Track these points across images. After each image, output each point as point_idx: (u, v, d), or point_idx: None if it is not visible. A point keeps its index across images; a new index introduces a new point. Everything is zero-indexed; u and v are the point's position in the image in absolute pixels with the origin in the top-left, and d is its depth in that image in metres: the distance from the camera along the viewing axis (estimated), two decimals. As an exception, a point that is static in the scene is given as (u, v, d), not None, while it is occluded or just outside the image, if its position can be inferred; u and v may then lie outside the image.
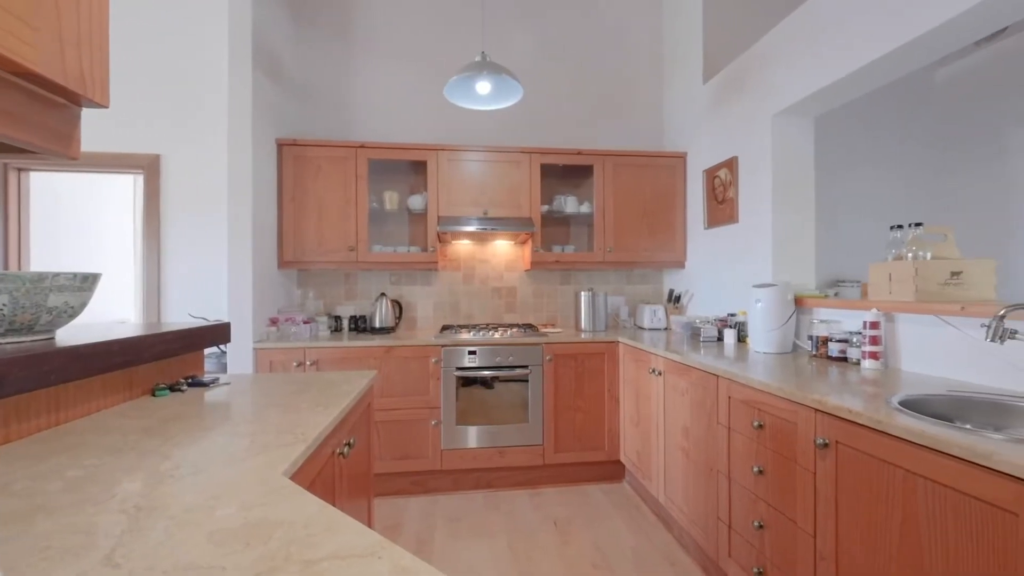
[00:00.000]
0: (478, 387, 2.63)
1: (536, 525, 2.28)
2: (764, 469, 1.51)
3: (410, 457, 2.58)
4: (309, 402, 1.22)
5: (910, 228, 1.72)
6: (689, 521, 1.97)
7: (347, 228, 2.80)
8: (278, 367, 2.48)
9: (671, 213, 3.09)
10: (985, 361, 1.41)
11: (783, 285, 2.05)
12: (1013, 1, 1.37)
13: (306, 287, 3.09)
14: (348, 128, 3.14)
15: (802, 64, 2.08)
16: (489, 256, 3.27)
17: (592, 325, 2.99)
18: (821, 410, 1.27)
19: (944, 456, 0.95)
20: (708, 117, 2.84)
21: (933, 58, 1.71)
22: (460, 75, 2.03)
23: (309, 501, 0.67)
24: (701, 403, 1.88)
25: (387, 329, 2.90)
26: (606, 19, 3.39)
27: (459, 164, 2.89)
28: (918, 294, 1.62)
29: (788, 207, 2.29)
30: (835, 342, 1.82)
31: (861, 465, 1.15)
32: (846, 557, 1.20)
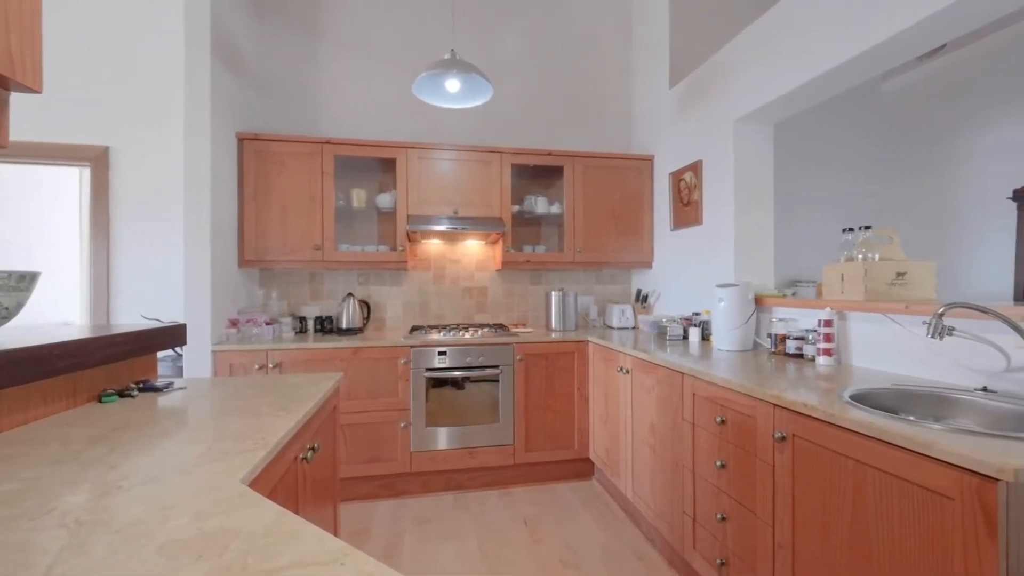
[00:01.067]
0: (448, 388, 2.61)
1: (506, 525, 2.28)
2: (726, 463, 1.56)
3: (378, 460, 2.53)
4: (270, 406, 1.18)
5: (860, 231, 1.82)
6: (656, 516, 2.02)
7: (312, 226, 2.72)
8: (238, 370, 2.39)
9: (639, 214, 3.16)
10: (927, 356, 1.50)
11: (744, 285, 2.13)
12: (948, 21, 1.47)
13: (269, 287, 2.99)
14: (314, 123, 3.06)
15: (761, 72, 2.16)
16: (460, 256, 3.25)
17: (562, 325, 3.02)
18: (779, 405, 1.32)
19: (890, 446, 1.01)
20: (674, 121, 2.92)
21: (880, 70, 1.81)
22: (429, 72, 2.01)
23: (269, 509, 0.64)
24: (667, 400, 1.92)
25: (355, 330, 2.83)
26: (576, 23, 3.42)
27: (429, 162, 2.86)
28: (867, 294, 1.71)
29: (749, 210, 2.38)
30: (792, 340, 1.90)
31: (816, 457, 1.21)
32: (802, 545, 1.26)
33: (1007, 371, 1.29)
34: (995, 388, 1.30)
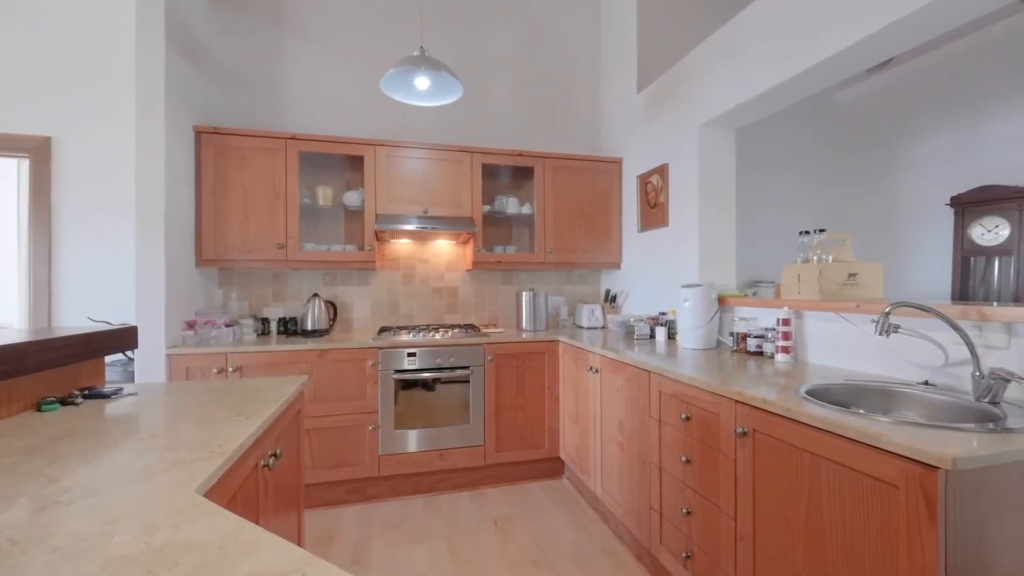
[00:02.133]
0: (418, 390, 2.57)
1: (477, 526, 2.27)
2: (691, 459, 1.60)
3: (345, 465, 2.47)
4: (229, 411, 1.13)
5: (815, 233, 1.91)
6: (624, 512, 2.05)
7: (276, 224, 2.63)
8: (196, 375, 2.28)
9: (608, 216, 3.21)
10: (875, 352, 1.59)
11: (708, 285, 2.19)
12: (894, 37, 1.56)
13: (229, 287, 2.87)
14: (277, 118, 2.96)
15: (724, 80, 2.24)
16: (430, 256, 3.21)
17: (533, 325, 3.03)
18: (740, 401, 1.37)
19: (842, 439, 1.06)
20: (642, 125, 2.98)
21: (834, 81, 1.90)
22: (397, 69, 1.97)
23: (226, 519, 0.62)
24: (635, 398, 1.96)
25: (320, 331, 2.76)
26: (546, 25, 3.45)
27: (398, 161, 2.82)
28: (822, 293, 1.79)
29: (713, 212, 2.45)
30: (753, 338, 1.97)
31: (775, 450, 1.26)
32: (762, 537, 1.31)
33: (945, 366, 1.38)
34: (935, 382, 1.39)
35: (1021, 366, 1.22)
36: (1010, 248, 2.78)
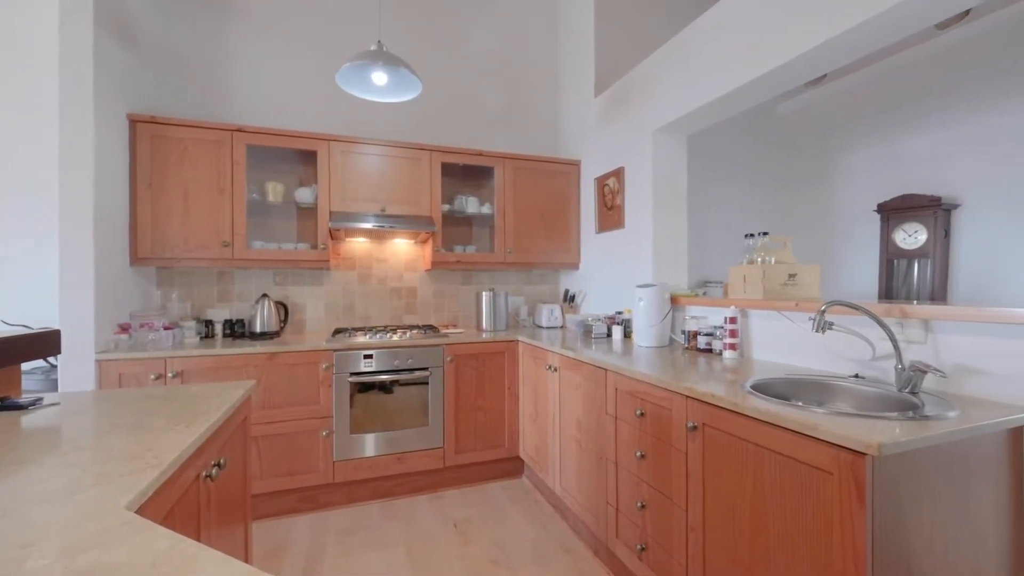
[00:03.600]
0: (375, 392, 2.51)
1: (436, 529, 2.24)
2: (645, 453, 1.65)
3: (297, 473, 2.37)
4: (167, 420, 1.06)
5: (759, 236, 2.01)
6: (582, 508, 2.09)
7: (221, 221, 2.49)
8: (130, 381, 2.12)
9: (567, 217, 3.25)
10: (813, 348, 1.70)
11: (661, 285, 2.27)
12: (827, 55, 1.67)
13: (168, 287, 2.69)
14: (223, 109, 2.80)
15: (676, 88, 2.32)
16: (387, 255, 3.14)
17: (493, 325, 3.03)
18: (691, 396, 1.42)
19: (783, 430, 1.12)
20: (599, 128, 3.04)
21: (775, 93, 2.02)
22: (354, 63, 1.92)
23: (160, 536, 0.57)
24: (592, 396, 2.00)
25: (270, 334, 2.64)
26: (506, 26, 3.45)
27: (354, 157, 2.73)
28: (765, 293, 1.90)
29: (666, 215, 2.54)
30: (703, 336, 2.06)
31: (722, 443, 1.32)
32: (711, 526, 1.36)
33: (873, 360, 1.50)
34: (864, 375, 1.50)
35: (936, 359, 1.34)
36: (927, 251, 3.06)
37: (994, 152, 2.81)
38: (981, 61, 2.86)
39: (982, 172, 2.87)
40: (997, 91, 2.79)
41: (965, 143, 2.95)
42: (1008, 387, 1.19)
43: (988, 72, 2.83)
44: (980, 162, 2.88)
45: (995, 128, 2.80)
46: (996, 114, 2.80)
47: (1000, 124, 2.78)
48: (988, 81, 2.83)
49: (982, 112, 2.86)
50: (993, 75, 2.81)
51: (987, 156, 2.85)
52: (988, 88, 2.83)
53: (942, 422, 1.03)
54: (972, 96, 2.90)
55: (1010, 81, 2.73)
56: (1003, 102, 2.77)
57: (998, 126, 2.79)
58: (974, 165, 2.91)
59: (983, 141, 2.86)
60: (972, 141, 2.91)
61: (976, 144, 2.89)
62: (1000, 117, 2.78)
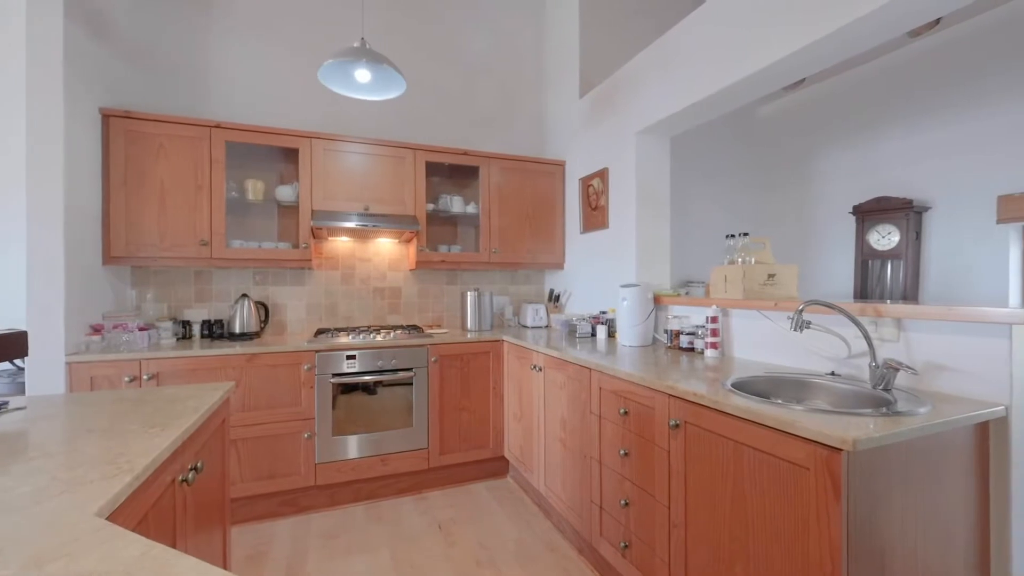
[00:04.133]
0: (358, 393, 2.48)
1: (421, 531, 2.22)
2: (629, 451, 1.67)
3: (278, 476, 2.33)
4: (141, 423, 1.03)
5: (740, 237, 2.05)
6: (566, 507, 2.09)
7: (199, 219, 2.43)
8: (103, 384, 2.06)
9: (552, 217, 3.26)
10: (791, 346, 1.73)
11: (645, 285, 2.29)
12: (806, 59, 1.71)
13: (143, 287, 2.61)
14: (202, 105, 2.73)
15: (658, 90, 2.35)
16: (371, 255, 3.11)
17: (478, 325, 3.02)
18: (673, 395, 1.44)
19: (762, 427, 1.14)
20: (584, 129, 3.06)
21: (755, 96, 2.06)
22: (336, 59, 1.89)
23: (132, 543, 0.56)
24: (576, 395, 2.01)
25: (250, 335, 2.58)
26: (492, 27, 3.45)
27: (337, 155, 2.70)
28: (745, 293, 1.93)
29: (649, 216, 2.57)
30: (685, 335, 2.09)
31: (704, 440, 1.34)
32: (693, 523, 1.38)
33: (849, 357, 1.54)
34: (840, 372, 1.54)
35: (908, 356, 1.38)
36: (900, 252, 3.15)
37: (961, 156, 2.91)
38: (950, 68, 2.96)
39: (950, 176, 2.97)
40: (965, 97, 2.89)
41: (935, 147, 3.04)
42: (975, 383, 1.24)
43: (956, 79, 2.93)
44: (948, 166, 2.98)
45: (963, 133, 2.91)
46: (964, 119, 2.90)
47: (967, 129, 2.88)
48: (956, 87, 2.93)
49: (951, 117, 2.96)
50: (961, 82, 2.91)
51: (955, 160, 2.95)
52: (956, 94, 2.93)
53: (913, 418, 1.07)
54: (942, 102, 3.00)
55: (977, 88, 2.84)
56: (971, 108, 2.87)
57: (965, 131, 2.89)
58: (943, 169, 3.01)
59: (951, 146, 2.96)
60: (941, 145, 3.01)
61: (945, 148, 2.99)
62: (968, 122, 2.88)
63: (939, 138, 3.03)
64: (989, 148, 2.79)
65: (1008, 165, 2.70)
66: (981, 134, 2.82)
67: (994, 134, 2.77)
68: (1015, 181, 2.66)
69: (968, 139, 2.88)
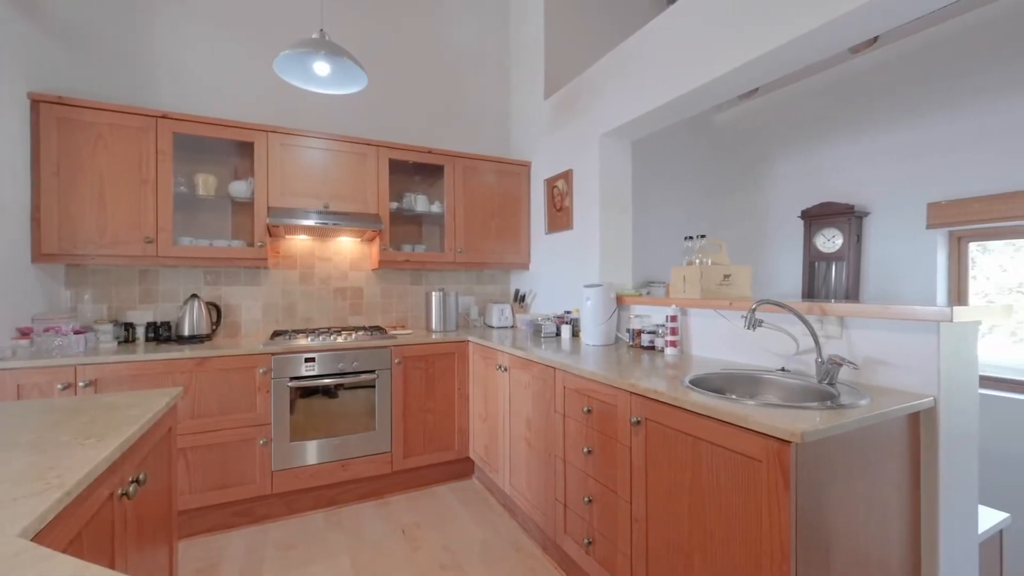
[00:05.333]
0: (318, 397, 2.40)
1: (383, 536, 2.18)
2: (592, 449, 1.69)
3: (231, 485, 2.22)
4: (75, 434, 0.95)
5: (697, 239, 2.12)
6: (531, 506, 2.10)
7: (143, 215, 2.28)
8: (32, 393, 1.90)
9: (517, 217, 3.27)
10: (745, 344, 1.81)
11: (607, 285, 2.34)
12: (757, 70, 1.79)
13: (80, 287, 2.43)
14: (146, 93, 2.57)
15: (620, 95, 2.40)
16: (331, 254, 3.01)
17: (443, 325, 2.99)
18: (635, 392, 1.47)
19: (718, 422, 1.19)
20: (548, 131, 3.09)
21: (711, 104, 2.14)
22: (294, 51, 1.82)
23: (61, 565, 0.51)
24: (541, 394, 2.02)
25: (201, 337, 2.45)
26: (457, 26, 3.42)
27: (295, 150, 2.60)
28: (703, 293, 2.00)
29: (612, 217, 2.62)
30: (646, 333, 2.14)
31: (664, 436, 1.37)
32: (654, 516, 1.42)
33: (797, 354, 1.62)
34: (790, 368, 1.62)
35: (850, 352, 1.47)
36: (843, 255, 3.35)
37: (896, 166, 3.13)
38: (887, 83, 3.18)
39: (886, 184, 3.19)
40: (899, 111, 3.11)
41: (873, 157, 3.26)
42: (908, 376, 1.33)
43: (892, 94, 3.15)
44: (885, 175, 3.20)
45: (898, 144, 3.12)
46: (899, 132, 3.12)
47: (902, 141, 3.10)
48: (892, 102, 3.15)
49: (887, 129, 3.18)
50: (896, 97, 3.13)
51: (891, 169, 3.17)
52: (891, 108, 3.15)
53: (854, 410, 1.13)
54: (879, 115, 3.22)
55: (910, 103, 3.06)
56: (904, 121, 3.09)
57: (900, 143, 3.11)
58: (880, 177, 3.23)
59: (888, 156, 3.18)
60: (879, 155, 3.23)
61: (882, 158, 3.21)
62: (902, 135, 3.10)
63: (877, 148, 3.24)
64: (921, 159, 3.01)
65: (937, 175, 2.92)
66: (914, 146, 3.04)
67: (925, 146, 2.99)
68: (944, 190, 2.89)
69: (902, 150, 3.10)
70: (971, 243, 2.89)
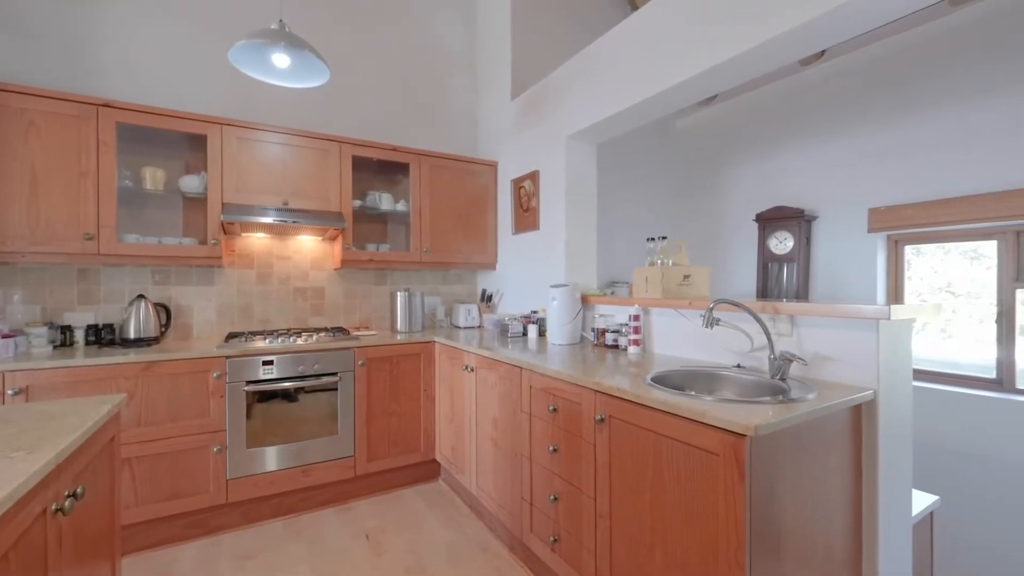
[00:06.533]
0: (277, 402, 2.31)
1: (346, 543, 2.12)
2: (558, 447, 1.71)
3: (182, 495, 2.11)
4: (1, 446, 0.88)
5: (659, 240, 2.18)
6: (498, 506, 2.11)
7: (83, 209, 2.13)
8: (-48, 402, 1.74)
9: (484, 217, 3.26)
10: (704, 342, 1.87)
11: (573, 285, 2.37)
12: (715, 78, 1.87)
13: (8, 287, 2.24)
14: (89, 79, 2.40)
15: (585, 98, 2.44)
16: (291, 252, 2.91)
17: (409, 326, 2.94)
18: (599, 390, 1.50)
19: (678, 418, 1.22)
20: (515, 131, 3.10)
21: (672, 109, 2.21)
22: (251, 41, 1.75)
23: (-17, 590, 0.47)
24: (508, 394, 2.02)
25: (148, 340, 2.31)
26: (424, 23, 3.38)
27: (252, 144, 2.50)
28: (664, 293, 2.06)
29: (577, 218, 2.66)
30: (610, 332, 2.18)
31: (627, 433, 1.41)
32: (618, 513, 1.45)
33: (752, 351, 1.69)
34: (745, 364, 1.69)
35: (800, 349, 1.55)
36: (794, 256, 3.53)
37: (842, 173, 3.33)
38: (833, 95, 3.37)
39: (833, 189, 3.38)
40: (844, 121, 3.31)
41: (821, 164, 3.45)
42: (851, 371, 1.42)
43: (838, 104, 3.34)
44: (832, 180, 3.39)
45: (843, 152, 3.32)
46: (843, 140, 3.32)
47: (846, 148, 3.30)
48: (837, 112, 3.34)
49: (833, 138, 3.37)
50: (842, 107, 3.32)
51: (837, 176, 3.36)
52: (836, 117, 3.35)
53: (803, 403, 1.20)
54: (826, 123, 3.41)
55: (854, 113, 3.25)
56: (849, 130, 3.28)
57: (845, 150, 3.31)
58: (827, 183, 3.42)
59: (834, 163, 3.37)
60: (826, 162, 3.42)
61: (829, 165, 3.40)
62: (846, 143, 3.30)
63: (823, 156, 3.43)
64: (863, 167, 3.21)
65: (878, 182, 3.12)
66: (856, 154, 3.24)
67: (867, 154, 3.19)
68: (883, 196, 3.09)
69: (846, 158, 3.30)
70: (907, 246, 3.11)
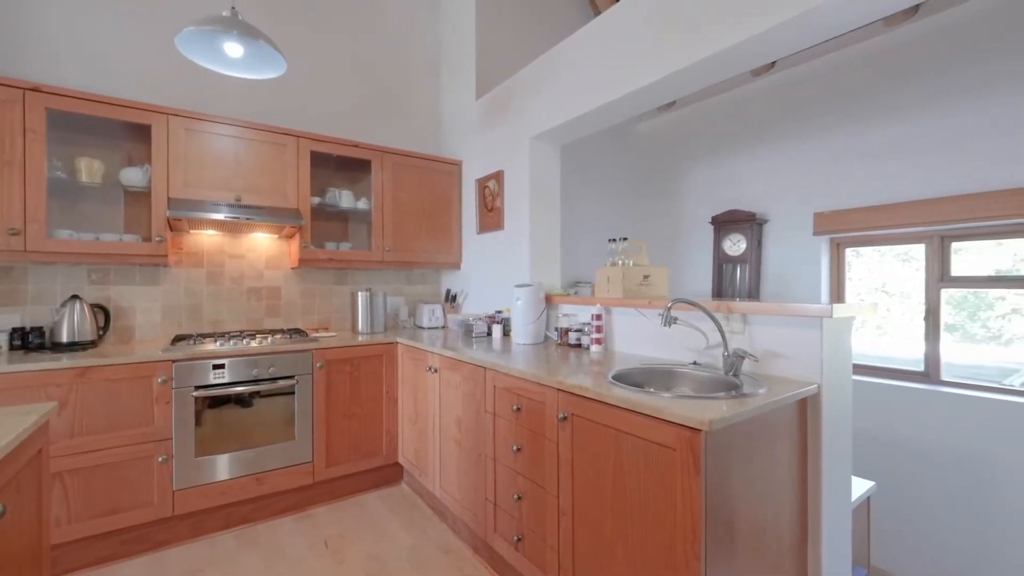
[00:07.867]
0: (229, 407, 2.21)
1: (303, 552, 2.05)
2: (521, 447, 1.72)
3: (122, 510, 1.97)
4: (-94, 464, 0.79)
5: (620, 241, 2.23)
6: (462, 508, 2.09)
7: (8, 202, 1.96)
8: None
9: (448, 216, 3.23)
10: (662, 340, 1.93)
11: (537, 285, 2.38)
12: (671, 85, 1.93)
13: (-81, 287, 2.03)
14: (14, 61, 2.20)
15: (548, 100, 2.46)
16: (244, 251, 2.78)
17: (370, 327, 2.88)
18: (562, 389, 1.52)
19: (637, 414, 1.25)
20: (480, 131, 3.09)
21: (633, 114, 2.26)
22: (199, 28, 1.65)
23: None
24: (471, 395, 2.01)
25: (84, 344, 2.15)
26: (387, 17, 3.31)
27: (202, 136, 2.37)
28: (624, 292, 2.11)
29: (541, 218, 2.68)
30: (573, 332, 2.21)
31: (588, 430, 1.43)
32: (580, 510, 1.47)
33: (707, 348, 1.76)
34: (701, 361, 1.75)
35: (751, 346, 1.62)
36: (746, 257, 3.70)
37: (790, 179, 3.52)
38: (781, 104, 3.55)
39: (781, 194, 3.57)
40: (791, 130, 3.50)
41: (771, 169, 3.63)
42: (798, 367, 1.50)
43: (785, 114, 3.53)
44: (780, 186, 3.58)
45: (791, 159, 3.51)
46: (790, 147, 3.50)
47: (794, 155, 3.49)
48: (785, 121, 3.53)
49: (780, 145, 3.56)
50: (789, 116, 3.51)
51: (785, 181, 3.55)
52: (784, 126, 3.53)
53: (754, 398, 1.25)
54: (775, 131, 3.59)
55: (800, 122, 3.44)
56: (796, 138, 3.47)
57: (792, 157, 3.50)
58: (776, 188, 3.60)
59: (782, 169, 3.56)
60: (775, 168, 3.60)
61: (778, 171, 3.59)
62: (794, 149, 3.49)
63: (772, 162, 3.61)
64: (809, 173, 3.40)
65: (822, 188, 3.32)
66: (804, 160, 3.43)
67: (812, 161, 3.38)
68: (827, 201, 3.29)
69: (794, 164, 3.49)
70: (847, 249, 3.32)
